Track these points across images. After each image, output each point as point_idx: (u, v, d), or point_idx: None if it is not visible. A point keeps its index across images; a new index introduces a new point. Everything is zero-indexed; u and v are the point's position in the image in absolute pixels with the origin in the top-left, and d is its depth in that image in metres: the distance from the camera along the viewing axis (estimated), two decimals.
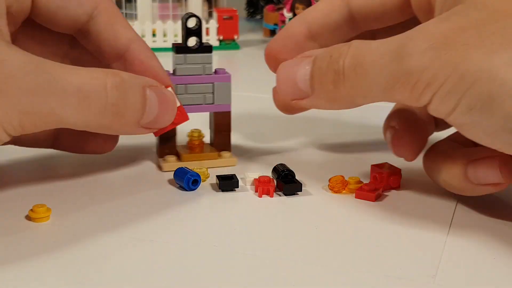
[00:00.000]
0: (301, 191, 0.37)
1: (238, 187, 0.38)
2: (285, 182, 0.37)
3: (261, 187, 0.37)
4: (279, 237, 0.32)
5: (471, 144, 0.35)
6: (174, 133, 0.41)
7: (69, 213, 0.34)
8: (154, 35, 0.84)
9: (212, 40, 0.84)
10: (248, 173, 0.39)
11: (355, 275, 0.29)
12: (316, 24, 0.39)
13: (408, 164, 0.39)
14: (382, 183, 0.37)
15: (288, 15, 0.85)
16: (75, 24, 0.38)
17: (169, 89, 0.38)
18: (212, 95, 0.41)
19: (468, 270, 0.29)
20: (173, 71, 0.41)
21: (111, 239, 0.31)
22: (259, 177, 0.37)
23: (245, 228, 0.33)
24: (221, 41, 0.85)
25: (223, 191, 0.37)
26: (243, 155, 0.43)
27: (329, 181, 0.37)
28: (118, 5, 0.83)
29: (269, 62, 0.41)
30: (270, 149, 0.44)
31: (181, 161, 0.41)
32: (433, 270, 0.29)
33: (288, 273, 0.29)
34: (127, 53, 0.39)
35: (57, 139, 0.40)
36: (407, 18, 0.37)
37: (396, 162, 0.39)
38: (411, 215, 0.35)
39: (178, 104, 0.38)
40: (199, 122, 0.43)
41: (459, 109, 0.29)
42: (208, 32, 0.84)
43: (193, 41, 0.40)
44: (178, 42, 0.42)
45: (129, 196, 0.37)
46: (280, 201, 0.36)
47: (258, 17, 1.06)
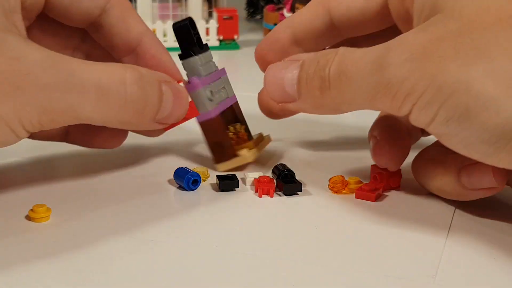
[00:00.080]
0: (301, 191, 0.37)
1: (238, 187, 0.38)
2: (285, 182, 0.37)
3: (261, 187, 0.37)
4: (279, 237, 0.32)
5: None
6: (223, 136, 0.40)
7: (69, 213, 0.34)
8: None
9: (212, 40, 0.84)
10: (248, 173, 0.39)
11: (355, 275, 0.29)
12: (300, 30, 0.40)
13: (408, 164, 0.39)
14: (382, 183, 0.37)
15: (288, 15, 0.85)
16: (88, 17, 0.38)
17: (181, 84, 0.38)
18: (225, 90, 0.42)
19: (468, 270, 0.29)
20: (195, 73, 0.39)
21: (111, 239, 0.31)
22: (259, 177, 0.37)
23: (245, 228, 0.33)
24: (221, 41, 0.85)
25: (223, 191, 0.37)
26: None
27: (329, 181, 0.37)
28: None
29: (259, 63, 0.42)
30: (270, 149, 0.44)
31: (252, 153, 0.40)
32: (433, 270, 0.29)
33: (288, 273, 0.29)
34: (139, 47, 0.38)
35: (68, 133, 0.40)
36: (387, 26, 0.38)
37: None
38: (411, 215, 0.35)
39: (189, 99, 0.38)
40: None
41: (437, 119, 0.29)
42: (208, 32, 0.84)
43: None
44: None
45: (129, 196, 0.37)
46: (280, 201, 0.36)
47: (258, 17, 1.06)
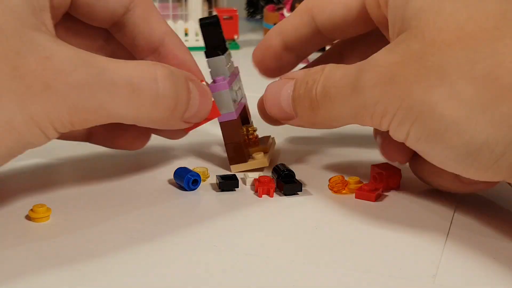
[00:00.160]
0: (301, 191, 0.37)
1: (238, 187, 0.38)
2: (285, 182, 0.37)
3: (261, 187, 0.37)
4: (279, 237, 0.32)
5: None
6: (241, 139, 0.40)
7: (69, 213, 0.34)
8: None
9: None
10: (248, 173, 0.39)
11: (355, 275, 0.29)
12: (289, 37, 0.41)
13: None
14: (382, 183, 0.37)
15: (288, 15, 0.85)
16: (112, 17, 0.37)
17: (203, 83, 0.38)
18: (241, 90, 0.42)
19: (468, 270, 0.29)
20: (220, 72, 0.39)
21: (111, 239, 0.31)
22: (259, 177, 0.37)
23: (245, 228, 0.33)
24: None
25: (223, 191, 0.37)
26: None
27: (329, 181, 0.37)
28: None
29: (257, 67, 0.43)
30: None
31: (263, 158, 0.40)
32: (433, 270, 0.29)
33: (288, 273, 0.29)
34: (161, 46, 0.38)
35: (91, 134, 0.40)
36: (371, 28, 0.38)
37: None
38: (411, 215, 0.35)
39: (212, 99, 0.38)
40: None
41: (409, 138, 0.31)
42: None
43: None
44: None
45: (129, 196, 0.37)
46: (280, 201, 0.36)
47: (258, 17, 1.06)
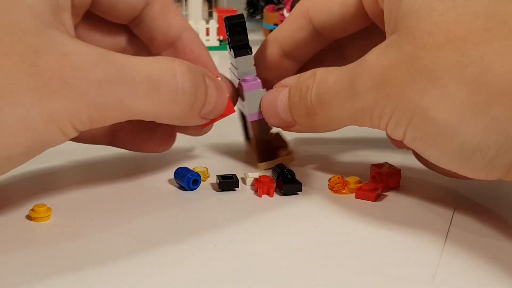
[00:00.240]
0: (301, 191, 0.37)
1: (238, 187, 0.38)
2: (285, 182, 0.37)
3: (261, 187, 0.37)
4: (279, 237, 0.32)
5: None
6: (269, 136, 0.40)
7: (70, 213, 0.34)
8: None
9: (212, 40, 0.84)
10: (248, 173, 0.39)
11: (355, 275, 0.29)
12: (286, 43, 0.40)
13: (408, 164, 0.39)
14: (381, 183, 0.37)
15: (288, 15, 0.85)
16: (133, 12, 0.37)
17: (219, 78, 0.38)
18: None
19: (467, 270, 0.29)
20: (249, 71, 0.39)
21: (111, 239, 0.31)
22: (259, 177, 0.38)
23: (245, 228, 0.33)
24: (221, 41, 0.85)
25: (223, 191, 0.37)
26: (243, 155, 0.43)
27: (329, 181, 0.37)
28: None
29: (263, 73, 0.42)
30: None
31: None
32: (433, 270, 0.29)
33: (288, 273, 0.29)
34: (178, 41, 0.38)
35: (115, 136, 0.40)
36: (369, 24, 0.38)
37: (396, 162, 0.39)
38: (410, 215, 0.35)
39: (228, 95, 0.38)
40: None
41: (406, 138, 0.32)
42: (208, 32, 0.84)
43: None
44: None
45: (129, 196, 0.37)
46: (280, 201, 0.37)
47: (258, 17, 1.06)
